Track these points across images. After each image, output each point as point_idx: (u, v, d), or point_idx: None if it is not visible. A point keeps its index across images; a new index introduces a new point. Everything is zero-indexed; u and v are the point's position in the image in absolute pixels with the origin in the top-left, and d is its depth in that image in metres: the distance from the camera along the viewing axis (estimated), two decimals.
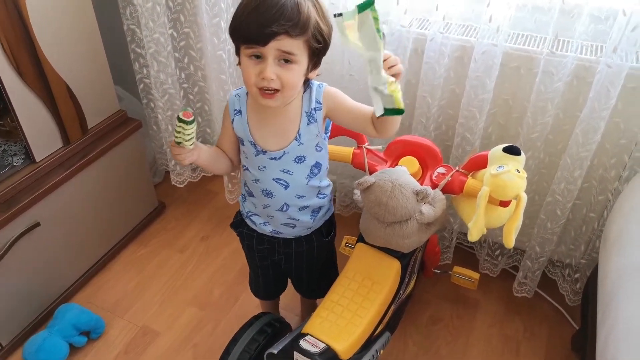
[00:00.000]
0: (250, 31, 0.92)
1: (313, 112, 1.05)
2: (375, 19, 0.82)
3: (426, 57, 1.36)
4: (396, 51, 1.40)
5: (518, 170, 1.07)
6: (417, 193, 1.08)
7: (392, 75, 0.89)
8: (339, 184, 1.83)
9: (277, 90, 0.96)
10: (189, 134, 0.96)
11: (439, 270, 1.67)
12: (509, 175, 1.06)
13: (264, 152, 1.08)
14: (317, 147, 1.10)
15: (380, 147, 1.29)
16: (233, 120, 1.09)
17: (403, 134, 1.58)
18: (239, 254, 1.61)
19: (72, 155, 1.57)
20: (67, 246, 1.63)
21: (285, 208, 1.14)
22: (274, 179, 1.10)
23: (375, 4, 0.83)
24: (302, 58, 0.95)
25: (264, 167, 1.10)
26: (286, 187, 1.11)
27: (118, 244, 1.84)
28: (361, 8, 0.83)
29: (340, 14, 0.84)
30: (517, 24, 1.31)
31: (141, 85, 1.80)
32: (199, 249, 1.88)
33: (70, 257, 1.66)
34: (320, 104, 1.05)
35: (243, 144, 1.10)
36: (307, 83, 1.04)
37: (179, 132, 0.95)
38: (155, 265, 1.82)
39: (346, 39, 0.85)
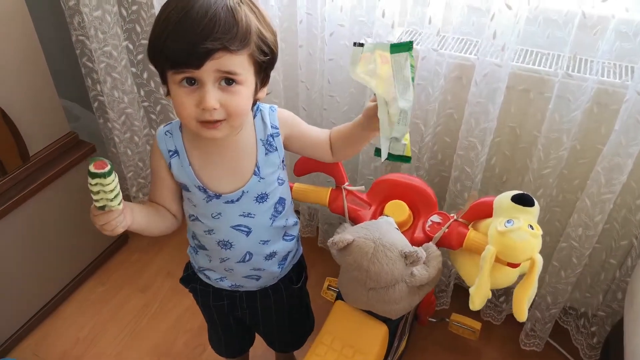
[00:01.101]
0: (177, 52, 0.71)
1: (270, 139, 0.87)
2: (412, 66, 0.76)
3: (418, 77, 1.15)
4: None
5: (531, 226, 0.86)
6: (405, 256, 0.87)
7: None
8: (321, 215, 1.62)
9: (221, 120, 0.77)
10: (111, 190, 0.71)
11: (435, 318, 1.46)
12: (520, 233, 0.84)
13: (218, 197, 0.87)
14: (279, 180, 0.91)
15: (362, 187, 1.07)
16: (170, 164, 0.87)
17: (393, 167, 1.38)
18: None
19: (9, 187, 1.36)
20: (6, 291, 1.41)
21: (247, 258, 0.95)
22: (232, 227, 0.90)
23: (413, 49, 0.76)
24: (248, 77, 0.76)
25: (219, 214, 0.89)
26: (248, 234, 0.92)
27: (71, 283, 1.62)
28: (396, 48, 0.75)
29: (362, 44, 0.76)
30: (526, 39, 1.10)
31: (96, 104, 1.58)
32: (164, 287, 1.66)
33: (11, 303, 1.44)
34: (277, 128, 0.88)
35: (188, 190, 0.89)
36: (254, 105, 0.86)
37: (97, 192, 0.70)
38: (114, 307, 1.60)
39: (354, 69, 0.77)
